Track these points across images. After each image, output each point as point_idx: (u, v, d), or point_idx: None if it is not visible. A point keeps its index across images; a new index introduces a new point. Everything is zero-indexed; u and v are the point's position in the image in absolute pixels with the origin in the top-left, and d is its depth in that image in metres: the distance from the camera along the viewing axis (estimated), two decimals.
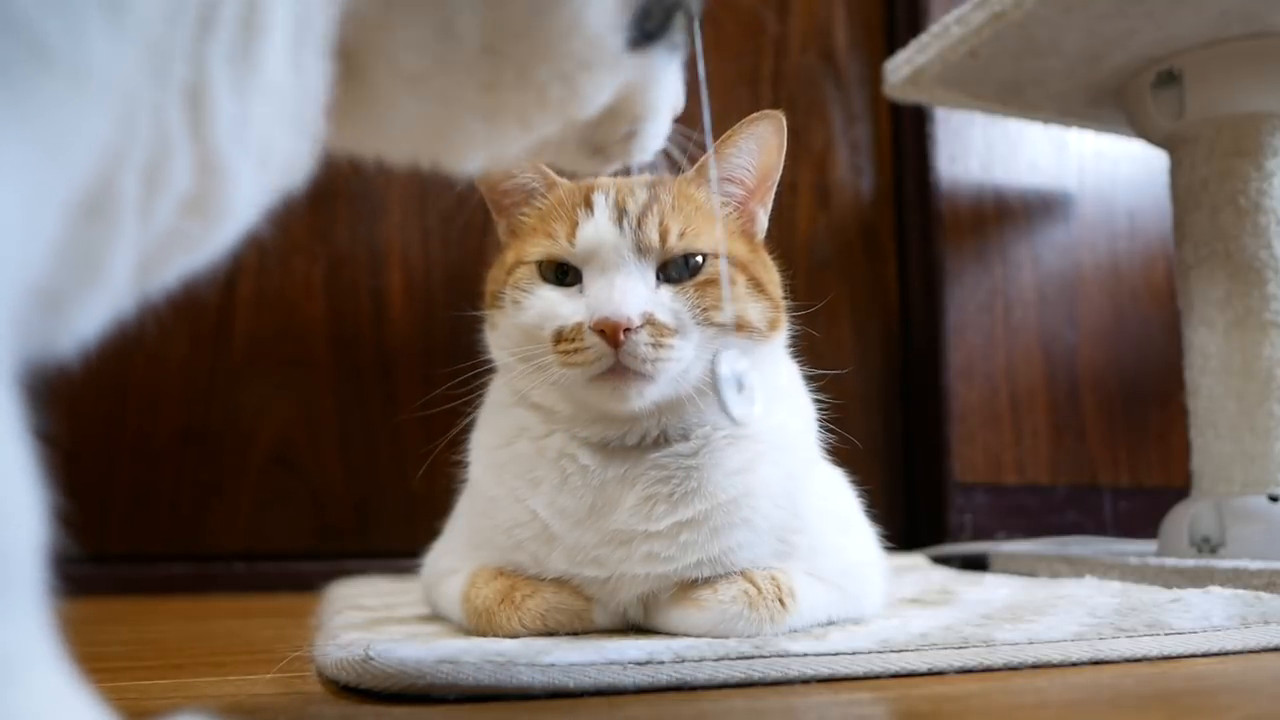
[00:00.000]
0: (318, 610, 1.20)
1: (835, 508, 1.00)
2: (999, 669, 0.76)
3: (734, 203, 0.94)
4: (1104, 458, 2.13)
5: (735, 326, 0.87)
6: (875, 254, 2.17)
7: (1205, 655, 0.82)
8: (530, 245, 0.90)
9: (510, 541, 0.90)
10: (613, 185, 0.91)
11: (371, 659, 0.70)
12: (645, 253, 0.86)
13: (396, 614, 1.08)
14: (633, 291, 0.83)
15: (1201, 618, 0.92)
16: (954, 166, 2.08)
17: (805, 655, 0.75)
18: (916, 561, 1.73)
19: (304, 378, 1.85)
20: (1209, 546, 1.43)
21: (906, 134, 2.15)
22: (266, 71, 0.40)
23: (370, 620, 1.02)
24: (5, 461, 0.31)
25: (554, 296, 0.87)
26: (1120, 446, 2.15)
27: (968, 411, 2.02)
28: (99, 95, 0.34)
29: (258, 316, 1.83)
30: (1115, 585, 1.26)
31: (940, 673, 0.75)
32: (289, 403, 1.83)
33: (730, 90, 2.08)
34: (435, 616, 1.03)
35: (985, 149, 2.11)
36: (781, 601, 0.85)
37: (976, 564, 1.72)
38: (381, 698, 0.68)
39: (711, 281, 0.87)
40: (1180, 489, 1.57)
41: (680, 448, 0.88)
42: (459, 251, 1.92)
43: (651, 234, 0.86)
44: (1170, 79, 1.54)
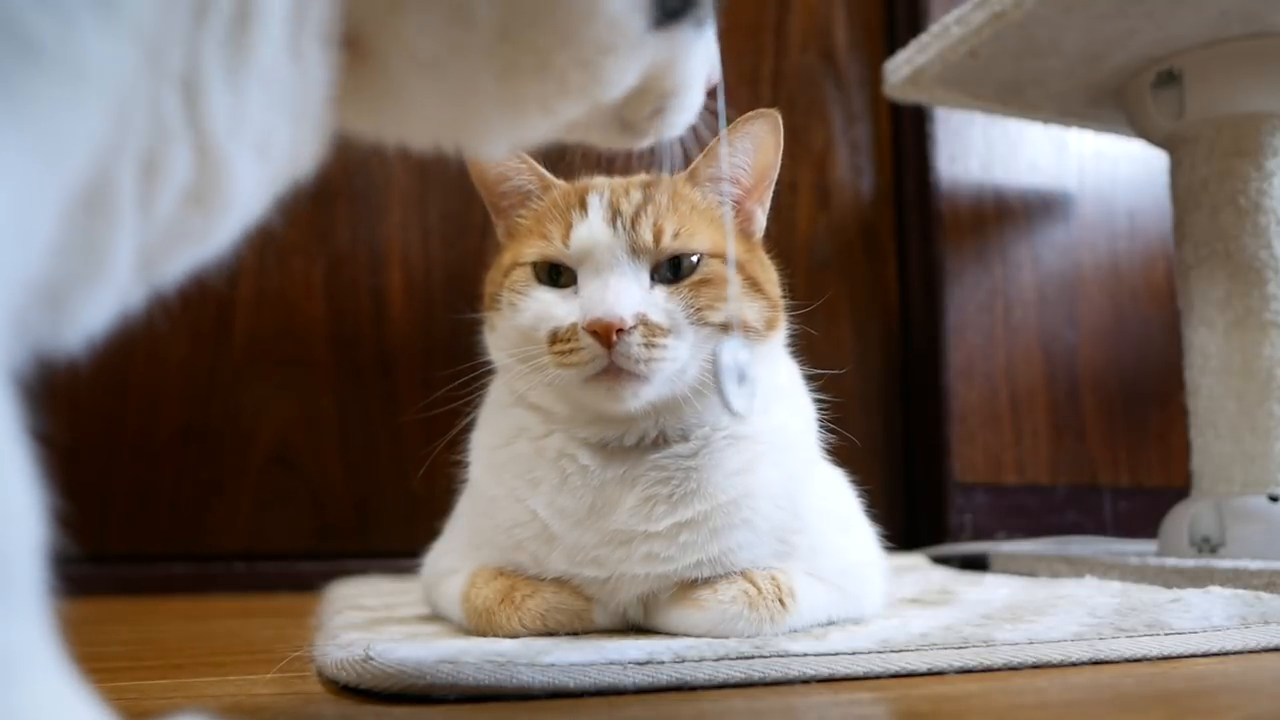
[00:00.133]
0: (318, 610, 1.20)
1: (835, 508, 1.00)
2: (999, 669, 0.76)
3: (730, 202, 0.93)
4: (1104, 458, 2.13)
5: (731, 326, 0.87)
6: (875, 254, 2.16)
7: (1205, 655, 0.82)
8: (526, 247, 0.90)
9: (510, 541, 0.90)
10: (608, 186, 0.91)
11: (371, 659, 0.70)
12: (639, 253, 0.86)
13: (396, 614, 1.08)
14: (626, 292, 0.83)
15: (1201, 618, 0.92)
16: (954, 166, 2.08)
17: (805, 655, 0.75)
18: (916, 561, 1.73)
19: (304, 378, 1.85)
20: (1209, 546, 1.43)
21: (906, 134, 2.15)
22: (263, 61, 0.39)
23: (370, 620, 1.02)
24: (3, 462, 0.31)
25: (549, 298, 0.87)
26: (1120, 446, 2.15)
27: (968, 411, 2.02)
28: (93, 91, 0.34)
29: (258, 316, 1.83)
30: (1115, 585, 1.26)
31: (940, 673, 0.75)
32: (289, 403, 1.83)
33: (730, 90, 2.07)
34: (435, 616, 1.03)
35: (985, 149, 2.10)
36: (781, 601, 0.85)
37: (976, 564, 1.72)
38: (381, 698, 0.68)
39: (706, 281, 0.86)
40: (1180, 489, 1.57)
41: (680, 448, 0.88)
42: (459, 251, 1.92)
43: (645, 234, 0.86)
44: (1170, 79, 1.54)
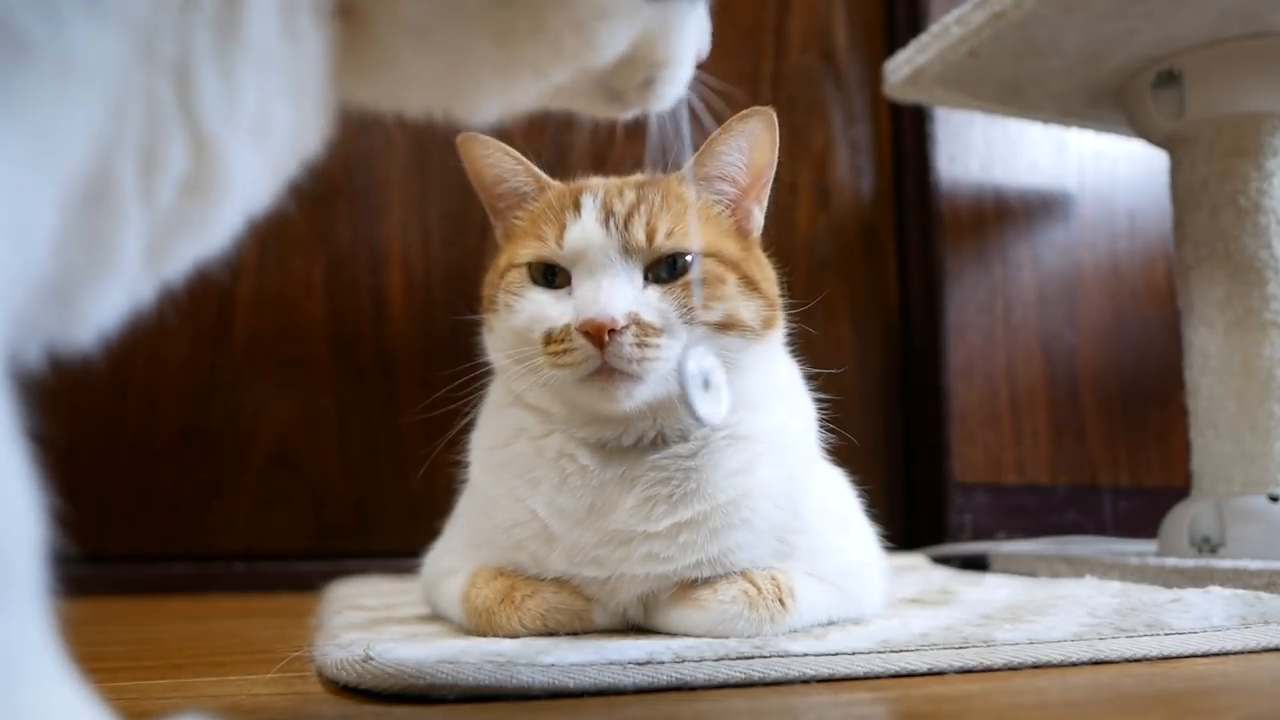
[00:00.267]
0: (318, 610, 1.20)
1: (835, 508, 1.00)
2: (999, 669, 0.76)
3: (726, 200, 0.93)
4: (1104, 458, 2.13)
5: (726, 325, 0.87)
6: (875, 254, 2.16)
7: (1205, 655, 0.82)
8: (521, 248, 0.91)
9: (510, 541, 0.90)
10: (602, 187, 0.91)
11: (371, 659, 0.70)
12: (632, 253, 0.86)
13: (396, 614, 1.08)
14: (618, 292, 0.83)
15: (1201, 618, 0.92)
16: (954, 166, 2.08)
17: (805, 655, 0.75)
18: (916, 561, 1.73)
19: (304, 378, 1.85)
20: (1209, 546, 1.43)
21: (906, 134, 2.15)
22: (255, 40, 0.39)
23: (370, 620, 1.02)
24: (2, 463, 0.31)
25: (543, 299, 0.87)
26: (1120, 446, 2.15)
27: (968, 411, 2.02)
28: (86, 86, 0.33)
29: (258, 316, 1.83)
30: (1115, 585, 1.26)
31: (940, 673, 0.75)
32: (289, 403, 1.83)
33: (730, 90, 2.07)
34: (435, 616, 1.03)
35: (985, 149, 2.10)
36: (781, 601, 0.85)
37: (976, 564, 1.72)
38: (381, 698, 0.68)
39: (701, 280, 0.86)
40: (1180, 489, 1.57)
41: (679, 449, 0.88)
42: (459, 251, 1.92)
43: (638, 234, 0.86)
44: (1170, 79, 1.54)
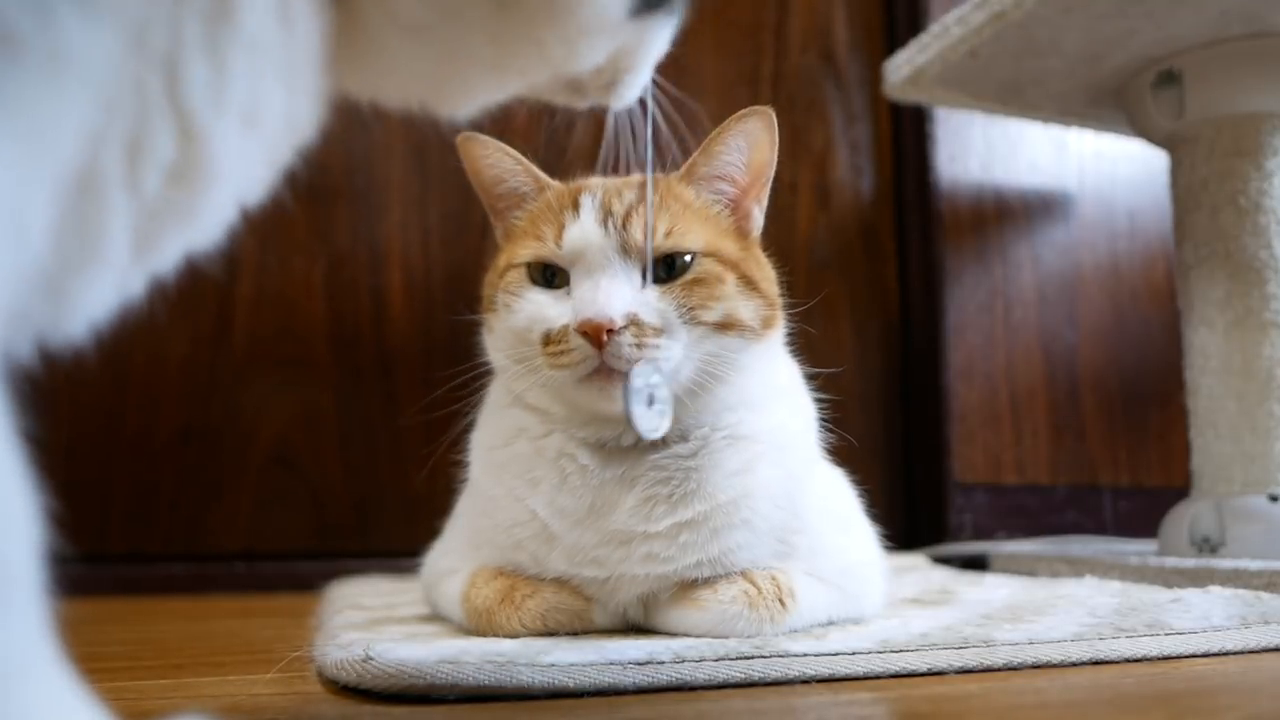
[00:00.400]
0: (318, 610, 1.20)
1: (835, 508, 1.00)
2: (999, 669, 0.76)
3: (725, 200, 0.93)
4: (1104, 458, 2.13)
5: (725, 325, 0.87)
6: (875, 254, 2.16)
7: (1205, 655, 0.82)
8: (520, 248, 0.90)
9: (510, 541, 0.90)
10: (601, 187, 0.90)
11: (371, 659, 0.70)
12: (631, 253, 0.86)
13: (396, 614, 1.08)
14: (616, 293, 0.83)
15: (1201, 618, 0.92)
16: (954, 166, 2.08)
17: (805, 655, 0.75)
18: (916, 561, 1.73)
19: (304, 378, 1.85)
20: (1209, 546, 1.43)
21: (906, 134, 2.15)
22: (248, 28, 0.39)
23: (370, 620, 1.02)
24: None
25: (542, 299, 0.87)
26: (1120, 446, 2.15)
27: (968, 411, 2.02)
28: (78, 81, 0.33)
29: (258, 316, 1.83)
30: (1115, 585, 1.26)
31: (940, 673, 0.75)
32: (289, 403, 1.83)
33: (730, 90, 2.08)
34: (435, 616, 1.03)
35: (985, 149, 2.10)
36: (781, 601, 0.85)
37: (976, 564, 1.72)
38: (381, 698, 0.68)
39: (699, 280, 0.86)
40: (1180, 489, 1.57)
41: (679, 448, 0.88)
42: (459, 251, 1.92)
43: (637, 234, 0.86)
44: (1170, 79, 1.54)
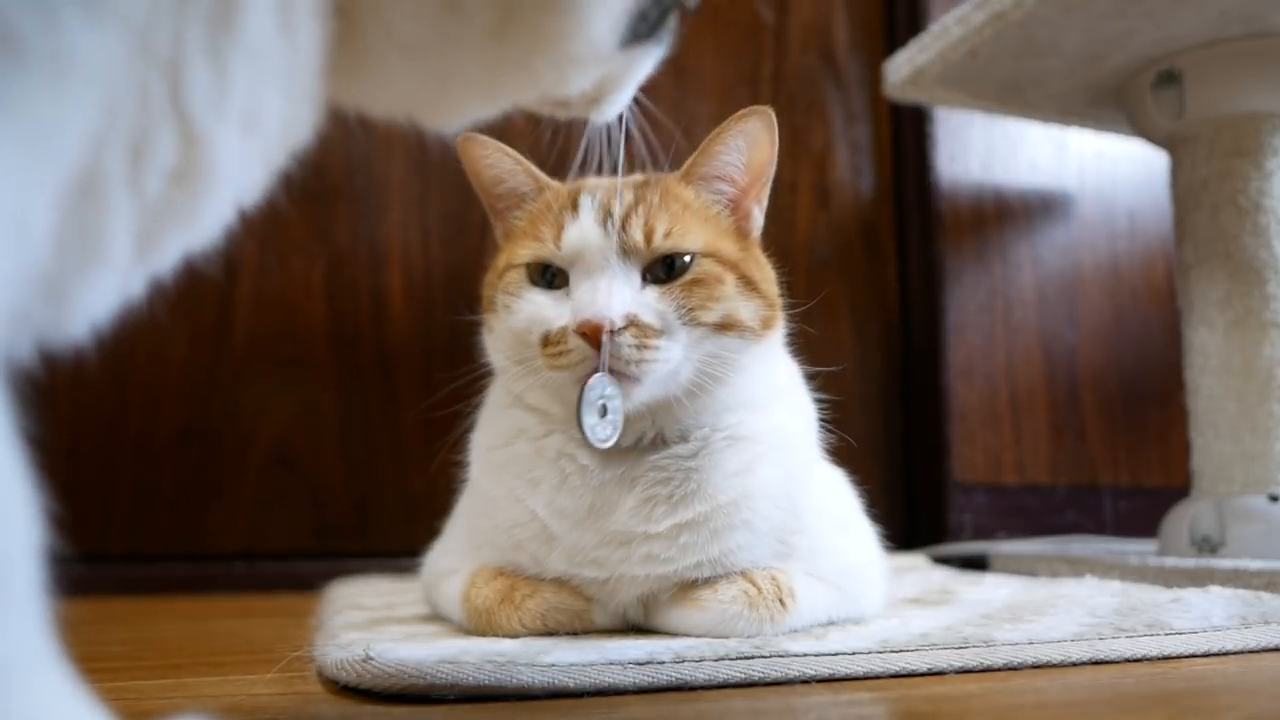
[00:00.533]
0: (318, 610, 1.20)
1: (835, 508, 1.00)
2: (999, 669, 0.76)
3: (725, 200, 0.93)
4: (1104, 458, 2.13)
5: (724, 325, 0.86)
6: (875, 254, 2.16)
7: (1205, 655, 0.82)
8: (520, 248, 0.90)
9: (510, 542, 0.90)
10: (600, 187, 0.90)
11: (371, 659, 0.70)
12: (630, 254, 0.85)
13: (396, 614, 1.08)
14: (616, 294, 0.83)
15: (1201, 618, 0.92)
16: (954, 166, 2.08)
17: (805, 655, 0.75)
18: (916, 561, 1.73)
19: (304, 378, 1.85)
20: (1209, 546, 1.43)
21: (906, 134, 2.15)
22: (249, 35, 0.39)
23: (370, 620, 1.02)
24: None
25: (542, 300, 0.87)
26: (1120, 446, 2.15)
27: (968, 411, 2.02)
28: (82, 85, 0.33)
29: (258, 316, 1.83)
30: (1115, 585, 1.26)
31: (940, 673, 0.75)
32: (289, 403, 1.83)
33: (730, 90, 2.08)
34: (435, 616, 1.03)
35: (985, 149, 2.10)
36: (781, 601, 0.85)
37: (976, 564, 1.72)
38: (381, 698, 0.68)
39: (699, 281, 0.86)
40: (1180, 489, 1.57)
41: (679, 449, 0.88)
42: (459, 251, 1.92)
43: (636, 235, 0.85)
44: (1170, 79, 1.54)
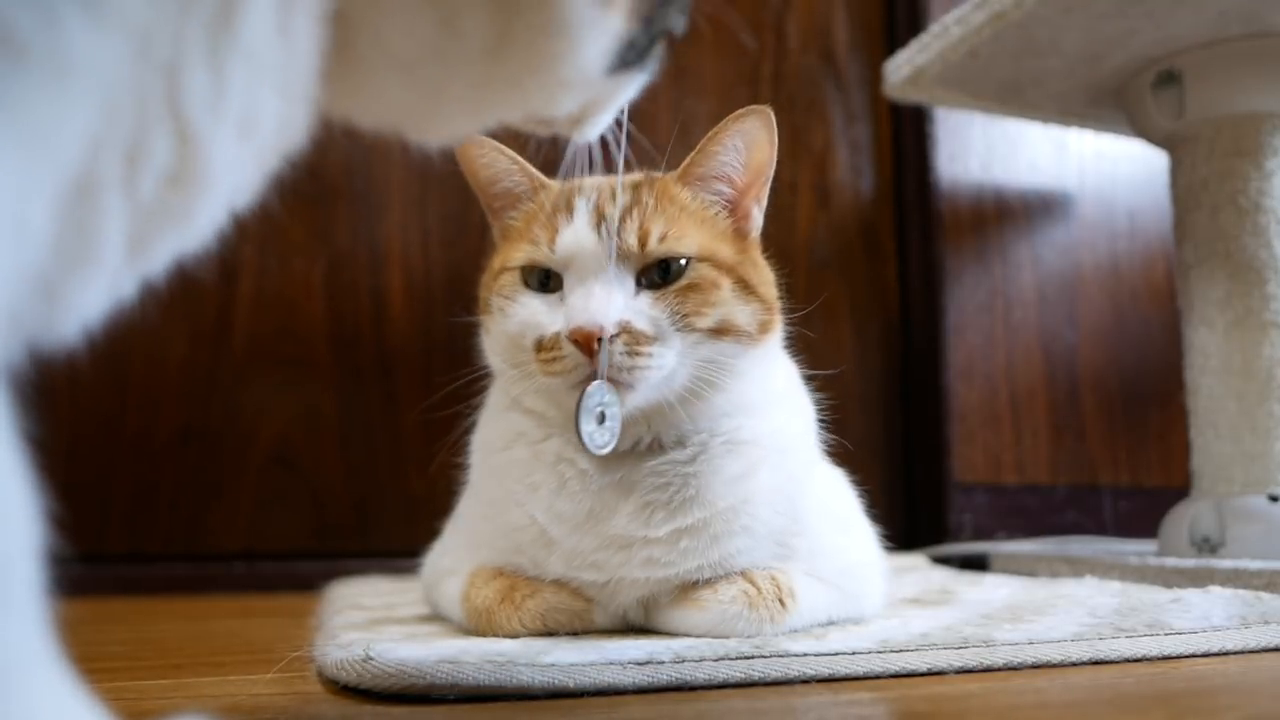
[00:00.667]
0: (318, 610, 1.20)
1: (835, 508, 1.00)
2: (999, 669, 0.76)
3: (723, 201, 0.92)
4: (1104, 458, 2.13)
5: (721, 330, 0.86)
6: (875, 254, 2.16)
7: (1205, 655, 0.82)
8: (515, 251, 0.89)
9: (509, 544, 0.90)
10: (595, 188, 0.88)
11: (371, 659, 0.70)
12: (624, 258, 0.85)
13: (396, 614, 1.08)
14: (609, 299, 0.82)
15: (1201, 618, 0.92)
16: (954, 166, 2.08)
17: (805, 655, 0.75)
18: (916, 561, 1.73)
19: (304, 378, 1.85)
20: (1209, 546, 1.43)
21: (906, 134, 2.15)
22: (247, 38, 0.39)
23: (370, 620, 1.02)
24: None
25: (536, 304, 0.86)
26: (1120, 446, 2.15)
27: (968, 411, 2.02)
28: (82, 87, 0.33)
29: (258, 316, 1.83)
30: (1115, 585, 1.26)
31: (940, 673, 0.75)
32: (289, 402, 1.83)
33: (730, 90, 2.08)
34: (435, 616, 1.03)
35: (985, 149, 2.10)
36: (781, 601, 0.85)
37: (976, 564, 1.72)
38: (381, 698, 0.68)
39: (694, 286, 0.85)
40: (1180, 489, 1.57)
41: (677, 454, 0.88)
42: (459, 251, 1.92)
43: (630, 239, 0.85)
44: (1170, 79, 1.54)
